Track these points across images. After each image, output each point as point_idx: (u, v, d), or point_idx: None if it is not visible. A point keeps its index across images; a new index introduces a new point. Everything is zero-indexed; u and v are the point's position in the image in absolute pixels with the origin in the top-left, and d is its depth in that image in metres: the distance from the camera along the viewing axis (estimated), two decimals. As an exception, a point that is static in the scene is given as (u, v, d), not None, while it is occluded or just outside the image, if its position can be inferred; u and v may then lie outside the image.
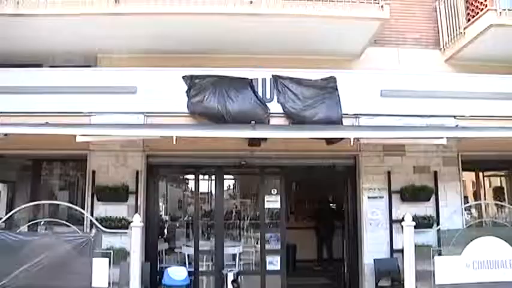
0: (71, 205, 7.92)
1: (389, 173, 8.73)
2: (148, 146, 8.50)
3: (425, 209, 8.56)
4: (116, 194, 8.23)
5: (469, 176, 9.80)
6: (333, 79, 8.41)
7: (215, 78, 8.25)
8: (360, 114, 8.36)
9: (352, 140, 7.18)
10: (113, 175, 8.39)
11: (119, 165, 8.46)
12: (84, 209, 8.07)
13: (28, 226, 7.44)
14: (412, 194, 8.58)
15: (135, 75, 8.29)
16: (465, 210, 8.94)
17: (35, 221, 7.89)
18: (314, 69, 8.59)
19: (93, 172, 8.43)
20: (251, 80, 8.28)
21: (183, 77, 8.21)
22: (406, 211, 7.40)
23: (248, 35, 8.61)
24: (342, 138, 7.70)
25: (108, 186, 8.26)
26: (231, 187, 12.23)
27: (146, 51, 9.03)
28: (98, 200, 8.30)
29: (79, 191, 9.26)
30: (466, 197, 9.40)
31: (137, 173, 8.46)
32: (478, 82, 8.64)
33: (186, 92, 8.16)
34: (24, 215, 8.23)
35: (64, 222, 7.17)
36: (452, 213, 8.38)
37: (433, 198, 8.68)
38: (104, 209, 8.24)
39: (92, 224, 7.70)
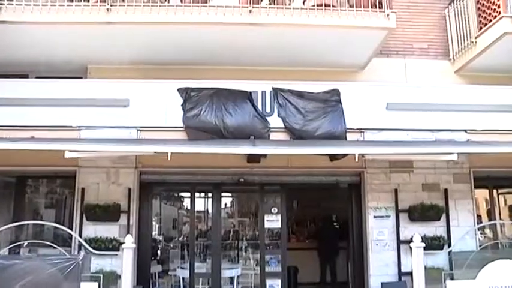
0: (57, 225, 7.61)
1: (396, 190, 8.60)
2: (141, 162, 8.42)
3: (435, 229, 8.42)
4: (106, 213, 8.04)
5: (482, 194, 9.53)
6: (336, 92, 8.20)
7: (212, 91, 8.04)
8: (365, 129, 8.12)
9: (356, 156, 6.98)
10: (103, 193, 8.24)
11: (110, 182, 8.34)
12: (72, 229, 7.89)
13: (9, 248, 7.13)
14: (421, 213, 8.40)
15: (127, 87, 8.06)
16: (478, 230, 8.77)
17: (18, 243, 7.65)
18: (316, 81, 8.38)
19: (82, 190, 8.26)
20: (250, 92, 8.07)
21: (178, 90, 7.99)
22: (415, 231, 7.10)
23: (247, 45, 8.37)
24: (346, 154, 7.59)
25: (98, 204, 8.08)
26: (229, 205, 12.25)
27: (140, 62, 8.79)
28: (87, 219, 8.11)
29: (67, 210, 9.04)
30: (479, 216, 9.20)
31: (129, 190, 8.31)
32: (491, 94, 8.41)
33: (182, 105, 7.94)
34: (5, 237, 7.92)
35: (50, 243, 6.85)
36: (464, 233, 8.11)
37: (443, 218, 8.50)
38: (93, 229, 8.07)
39: (80, 246, 7.51)
